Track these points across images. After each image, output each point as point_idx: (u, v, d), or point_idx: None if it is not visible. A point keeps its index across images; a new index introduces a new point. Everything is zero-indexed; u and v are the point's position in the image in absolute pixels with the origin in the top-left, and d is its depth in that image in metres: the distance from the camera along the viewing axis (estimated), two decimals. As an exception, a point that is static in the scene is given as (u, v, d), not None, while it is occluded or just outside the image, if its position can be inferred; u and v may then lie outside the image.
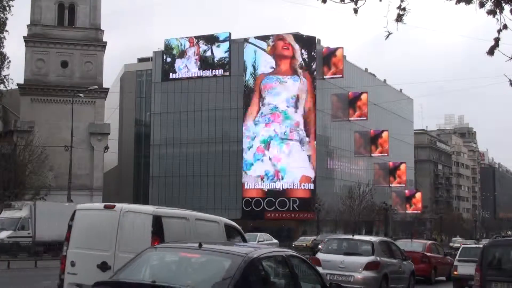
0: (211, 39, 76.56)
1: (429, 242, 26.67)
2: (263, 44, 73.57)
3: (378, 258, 16.39)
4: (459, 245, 40.26)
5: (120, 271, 6.85)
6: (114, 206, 9.89)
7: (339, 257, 16.34)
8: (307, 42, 73.78)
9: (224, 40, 75.96)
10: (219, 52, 75.85)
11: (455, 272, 19.15)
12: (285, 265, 7.08)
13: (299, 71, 72.63)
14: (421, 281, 21.02)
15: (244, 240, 11.68)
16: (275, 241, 41.31)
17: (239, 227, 12.05)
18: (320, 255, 16.81)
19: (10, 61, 48.22)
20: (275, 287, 6.86)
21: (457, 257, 19.98)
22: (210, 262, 6.67)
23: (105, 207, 10.08)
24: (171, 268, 6.85)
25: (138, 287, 6.33)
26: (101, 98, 56.07)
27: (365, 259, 16.14)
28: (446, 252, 28.62)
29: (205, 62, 76.35)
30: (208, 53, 76.48)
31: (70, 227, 10.01)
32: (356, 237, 19.04)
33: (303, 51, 72.96)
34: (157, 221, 9.37)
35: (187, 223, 10.01)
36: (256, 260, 6.51)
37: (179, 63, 77.71)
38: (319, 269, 11.65)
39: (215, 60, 75.98)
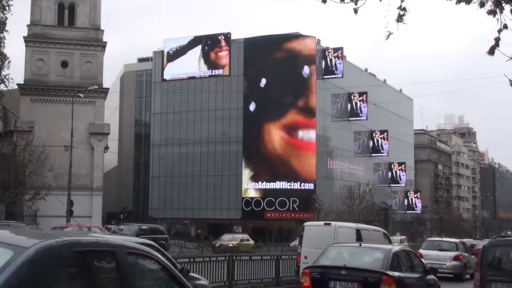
0: (211, 39, 76.52)
1: None
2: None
3: (461, 252, 25.10)
4: None
5: (318, 259, 12.00)
6: (331, 223, 17.34)
7: (434, 252, 24.82)
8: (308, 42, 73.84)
9: (224, 40, 75.92)
10: (219, 52, 75.81)
11: None
12: (406, 255, 12.36)
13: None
14: None
15: (390, 241, 18.59)
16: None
17: (387, 233, 19.79)
18: (421, 251, 24.27)
19: (10, 61, 48.12)
20: (405, 267, 11.73)
21: None
22: (370, 253, 11.81)
23: (325, 224, 17.51)
24: (346, 257, 11.66)
25: (334, 268, 11.10)
26: (101, 98, 55.89)
27: (452, 253, 24.73)
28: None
29: (205, 62, 76.31)
30: (208, 53, 76.44)
31: (301, 236, 17.47)
32: (444, 239, 30.13)
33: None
34: (358, 232, 16.39)
35: (369, 233, 17.06)
36: (395, 252, 11.59)
37: (179, 63, 77.67)
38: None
39: (215, 60, 75.93)
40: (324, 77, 75.12)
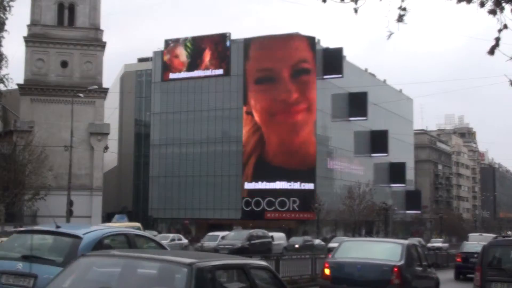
0: (211, 39, 76.51)
1: None
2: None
3: None
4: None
5: (460, 248, 29.61)
6: (482, 234, 41.28)
7: None
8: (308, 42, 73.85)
9: (224, 40, 75.92)
10: (219, 52, 75.80)
11: None
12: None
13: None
14: None
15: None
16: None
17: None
18: None
19: (7, 60, 48.08)
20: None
21: None
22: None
23: (479, 234, 40.21)
24: (475, 247, 23.68)
25: (471, 253, 24.22)
26: (101, 98, 55.98)
27: None
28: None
29: (205, 62, 76.30)
30: (208, 53, 76.44)
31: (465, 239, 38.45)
32: None
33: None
34: (495, 237, 25.67)
35: (486, 237, 29.24)
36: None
37: (179, 63, 77.67)
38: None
39: (215, 60, 75.92)
40: (324, 77, 75.09)
